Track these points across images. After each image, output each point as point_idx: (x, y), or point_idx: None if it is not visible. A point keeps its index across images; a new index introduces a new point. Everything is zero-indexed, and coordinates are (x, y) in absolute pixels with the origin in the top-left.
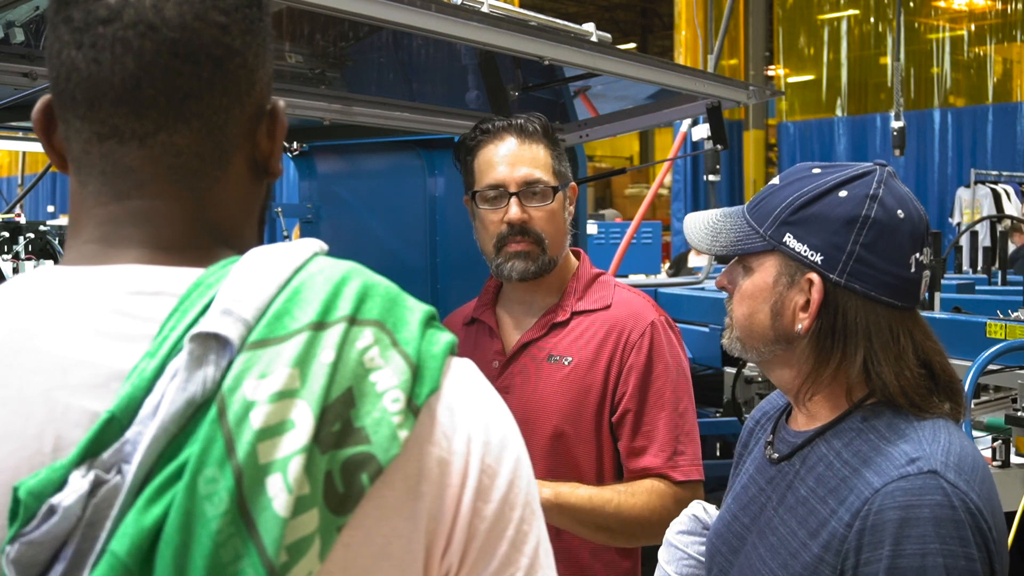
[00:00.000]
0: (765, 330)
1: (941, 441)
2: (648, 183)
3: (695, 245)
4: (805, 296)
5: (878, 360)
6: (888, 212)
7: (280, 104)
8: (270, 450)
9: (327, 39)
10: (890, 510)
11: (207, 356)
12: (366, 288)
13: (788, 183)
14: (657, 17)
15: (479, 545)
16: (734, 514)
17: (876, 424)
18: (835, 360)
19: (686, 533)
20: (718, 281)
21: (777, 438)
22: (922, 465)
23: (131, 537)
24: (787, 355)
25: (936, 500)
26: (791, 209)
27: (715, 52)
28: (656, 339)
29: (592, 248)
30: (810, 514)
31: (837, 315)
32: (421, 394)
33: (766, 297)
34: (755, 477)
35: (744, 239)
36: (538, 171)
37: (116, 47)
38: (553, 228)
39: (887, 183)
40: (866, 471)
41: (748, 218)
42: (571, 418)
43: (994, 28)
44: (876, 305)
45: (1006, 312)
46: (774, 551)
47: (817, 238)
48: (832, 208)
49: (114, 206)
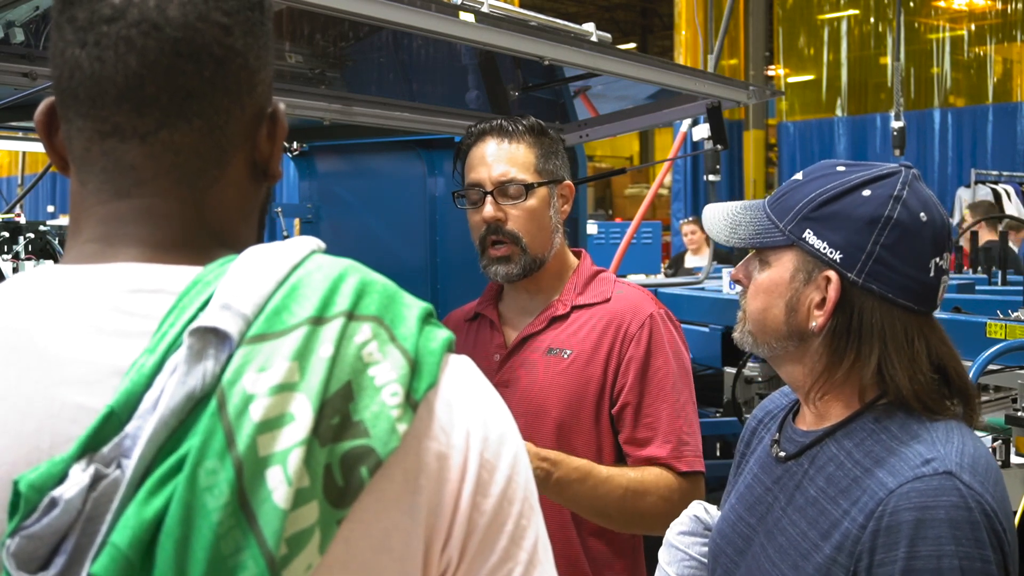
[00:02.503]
0: (779, 325)
1: (955, 442)
2: (648, 183)
3: (714, 236)
4: (821, 294)
5: (892, 363)
6: (911, 214)
7: (281, 107)
8: (270, 443)
9: (327, 39)
10: (905, 511)
11: (206, 350)
12: (364, 284)
13: (811, 179)
14: (657, 17)
15: (478, 540)
16: (739, 514)
17: (888, 425)
18: (849, 360)
19: (687, 534)
20: (733, 274)
21: (784, 437)
22: (937, 466)
23: (132, 529)
24: (799, 352)
25: (952, 501)
26: (813, 205)
27: (715, 52)
28: (655, 331)
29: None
30: (821, 515)
31: (853, 315)
32: (419, 389)
33: (782, 292)
34: (760, 477)
35: (763, 232)
36: (514, 169)
37: (120, 46)
38: (532, 226)
39: (912, 185)
40: (879, 472)
41: (768, 212)
42: (571, 410)
43: (994, 28)
44: (893, 307)
45: (1006, 312)
46: (784, 552)
47: (837, 236)
48: (855, 207)
49: (114, 204)
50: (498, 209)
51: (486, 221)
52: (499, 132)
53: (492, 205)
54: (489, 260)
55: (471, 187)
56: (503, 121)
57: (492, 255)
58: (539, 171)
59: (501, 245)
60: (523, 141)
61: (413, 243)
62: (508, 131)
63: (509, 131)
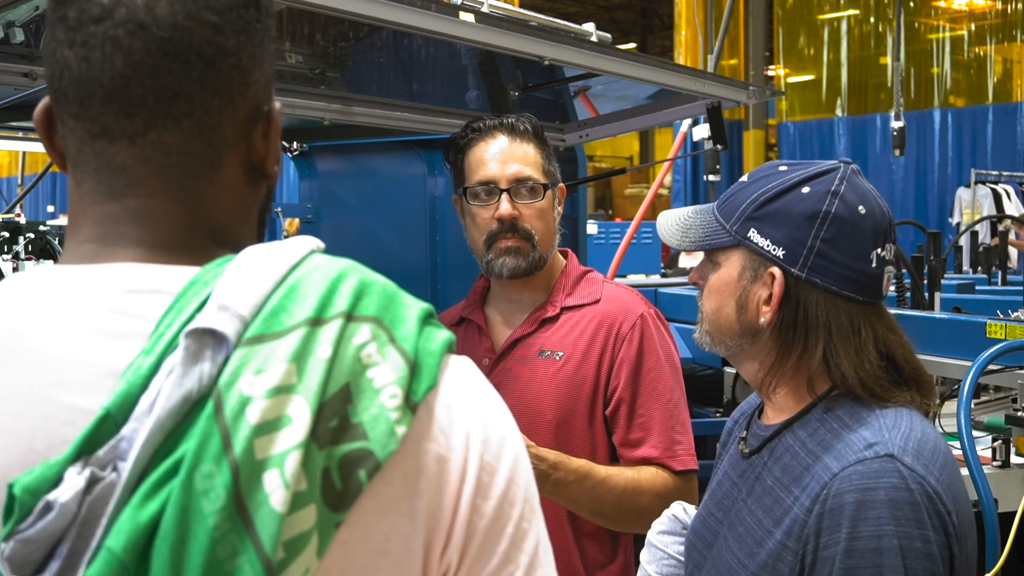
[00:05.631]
0: (731, 323)
1: (902, 427)
2: (648, 183)
3: (667, 240)
4: (768, 290)
5: (837, 352)
6: (849, 208)
7: (276, 105)
8: (267, 446)
9: (327, 39)
10: (847, 493)
11: (203, 352)
12: (363, 285)
13: (755, 180)
14: (657, 17)
15: (478, 543)
16: (709, 510)
17: (839, 413)
18: (796, 353)
19: (666, 533)
20: (690, 277)
21: (750, 433)
22: (879, 449)
23: (127, 533)
24: (753, 348)
25: (892, 483)
26: (755, 205)
27: (715, 52)
28: (647, 331)
29: (592, 248)
30: (775, 503)
31: (798, 308)
32: (419, 391)
33: (732, 291)
34: (728, 472)
35: (712, 235)
36: (529, 168)
37: (106, 45)
38: (543, 225)
39: (850, 180)
40: (826, 457)
41: (716, 215)
42: (566, 412)
43: (994, 28)
44: (837, 299)
45: (1006, 312)
46: (741, 541)
47: (779, 233)
48: (794, 204)
49: (109, 204)
50: (514, 207)
51: (502, 218)
52: (509, 130)
53: (509, 203)
54: (498, 252)
55: (481, 184)
56: (510, 119)
57: (503, 246)
58: (545, 172)
59: (514, 238)
60: (531, 141)
61: (413, 243)
62: (518, 130)
63: (519, 130)
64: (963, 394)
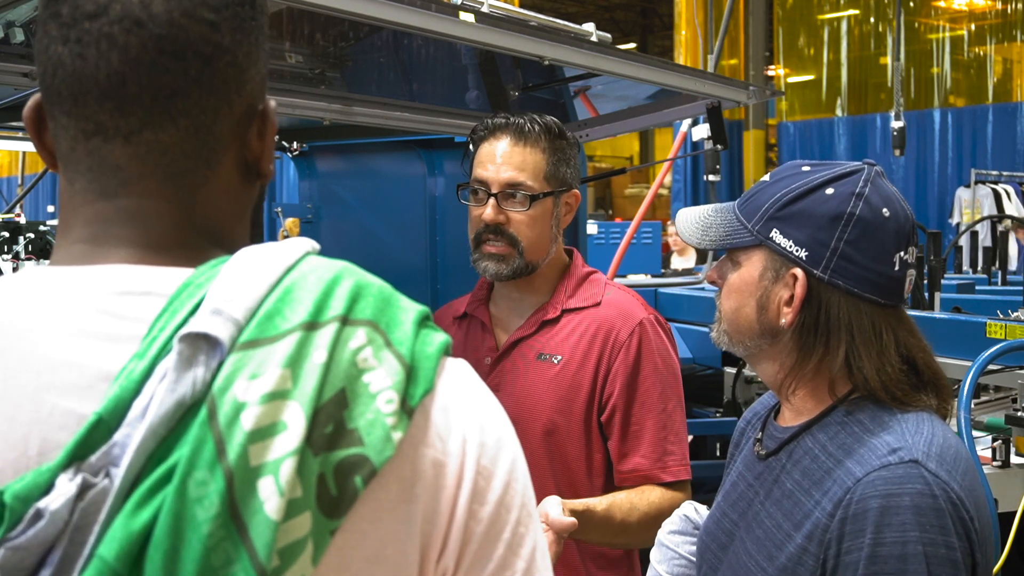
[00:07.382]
0: (751, 324)
1: (924, 433)
2: (648, 183)
3: (686, 239)
4: (789, 291)
5: (859, 355)
6: (873, 210)
7: (271, 104)
8: (261, 452)
9: (327, 39)
10: (871, 499)
11: (197, 357)
12: (359, 288)
13: (777, 180)
14: (657, 17)
15: (475, 548)
16: (723, 511)
17: (860, 417)
18: (817, 355)
19: (677, 533)
20: (708, 275)
21: (766, 435)
22: (903, 455)
23: (120, 541)
24: (772, 349)
25: (916, 489)
26: (778, 205)
27: (715, 52)
28: (645, 339)
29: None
30: (795, 506)
31: (820, 310)
32: (415, 395)
33: (752, 291)
34: (744, 474)
35: (733, 234)
36: (523, 175)
37: (101, 42)
38: (533, 233)
39: (874, 182)
40: (849, 462)
41: (738, 213)
42: (561, 416)
43: (994, 28)
44: (859, 301)
45: (1006, 312)
46: (760, 544)
47: (802, 234)
48: (818, 205)
49: (102, 204)
50: (500, 212)
51: (485, 222)
52: (516, 132)
53: (493, 208)
54: (481, 255)
55: (476, 183)
56: (521, 120)
57: (486, 251)
58: (548, 178)
59: (498, 243)
60: (538, 145)
61: (413, 243)
62: (524, 132)
63: (526, 132)
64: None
